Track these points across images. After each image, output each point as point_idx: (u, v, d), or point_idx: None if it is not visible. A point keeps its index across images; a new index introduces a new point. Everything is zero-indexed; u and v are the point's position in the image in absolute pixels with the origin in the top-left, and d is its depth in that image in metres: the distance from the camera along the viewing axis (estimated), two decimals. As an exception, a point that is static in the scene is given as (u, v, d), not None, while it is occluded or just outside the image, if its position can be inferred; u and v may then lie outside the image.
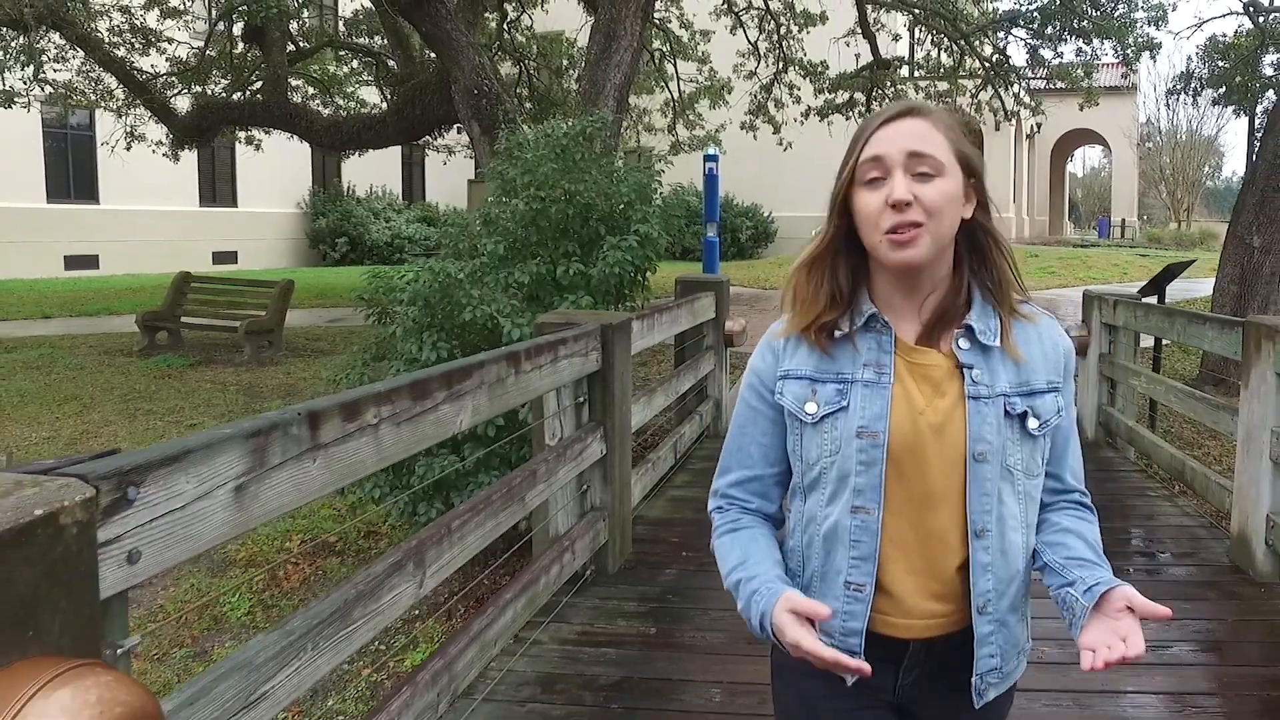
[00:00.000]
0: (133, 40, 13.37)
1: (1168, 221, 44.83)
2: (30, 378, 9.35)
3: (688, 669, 3.31)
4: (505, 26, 15.80)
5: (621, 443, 4.18)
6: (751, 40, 16.96)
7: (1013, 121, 18.53)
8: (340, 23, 15.79)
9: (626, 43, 9.76)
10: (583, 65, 16.16)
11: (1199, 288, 16.15)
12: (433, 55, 12.31)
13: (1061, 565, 1.43)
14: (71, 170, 19.94)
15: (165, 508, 1.51)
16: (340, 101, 16.45)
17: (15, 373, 9.56)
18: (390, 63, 15.31)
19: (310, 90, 16.18)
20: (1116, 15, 13.62)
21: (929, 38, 16.58)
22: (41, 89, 11.43)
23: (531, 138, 5.58)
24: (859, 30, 15.64)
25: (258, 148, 16.34)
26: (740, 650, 3.45)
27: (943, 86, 17.27)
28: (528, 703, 3.03)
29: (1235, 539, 4.37)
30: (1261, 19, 11.96)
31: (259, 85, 14.40)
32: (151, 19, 13.72)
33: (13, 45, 9.86)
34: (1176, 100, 37.71)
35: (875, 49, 16.04)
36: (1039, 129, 36.11)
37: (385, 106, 15.60)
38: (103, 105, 13.96)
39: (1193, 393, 5.21)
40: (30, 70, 9.96)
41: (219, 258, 22.46)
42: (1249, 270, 8.54)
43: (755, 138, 17.55)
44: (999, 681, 1.46)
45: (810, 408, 1.43)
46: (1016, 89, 17.07)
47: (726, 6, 16.41)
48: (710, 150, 13.81)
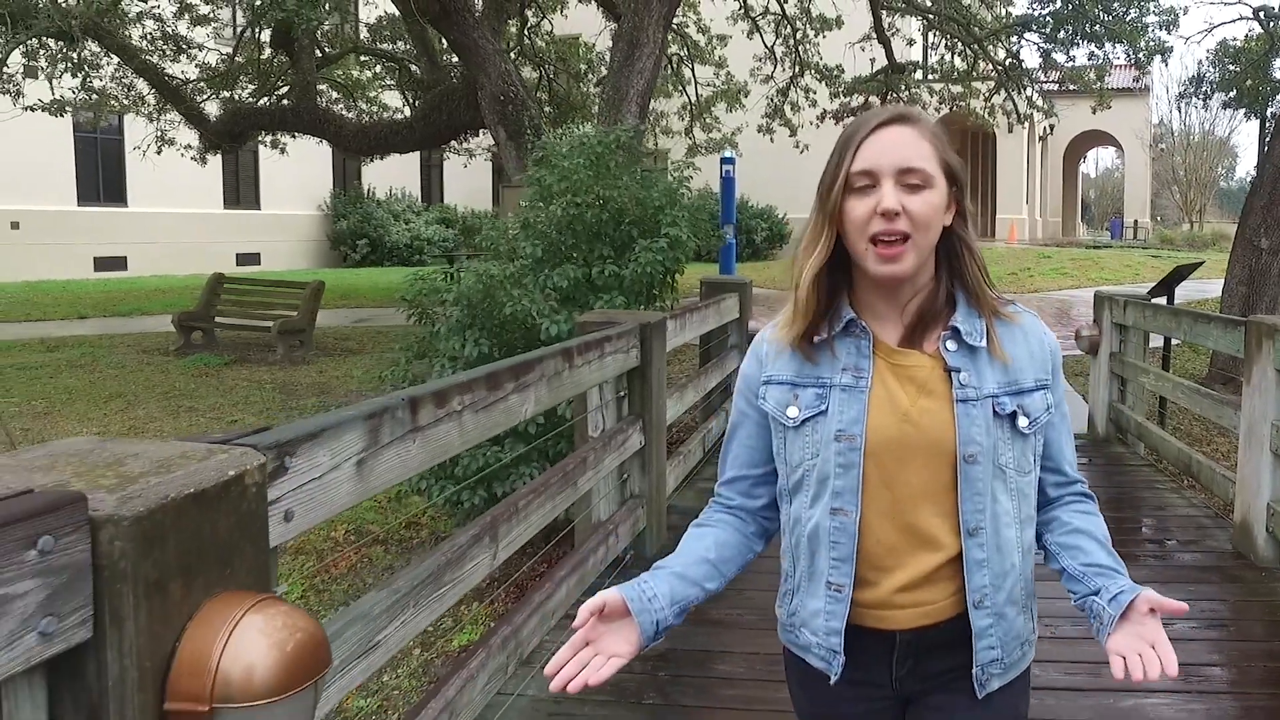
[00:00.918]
0: (164, 47, 13.72)
1: (1181, 223, 44.85)
2: (75, 376, 9.70)
3: (725, 642, 3.58)
4: (526, 31, 16.10)
5: (658, 435, 4.45)
6: (768, 45, 17.22)
7: (1025, 124, 18.73)
8: (364, 28, 16.10)
9: (649, 50, 10.01)
10: (602, 69, 16.48)
11: (1210, 288, 16.29)
12: (457, 61, 12.62)
13: (1081, 573, 1.46)
14: (101, 174, 20.39)
15: (309, 476, 1.79)
16: (364, 106, 16.79)
17: (60, 371, 9.91)
18: (413, 68, 15.64)
19: (334, 95, 16.53)
20: (1128, 20, 13.82)
21: (943, 42, 16.81)
22: (89, 97, 11.79)
23: (566, 147, 5.86)
24: (874, 35, 15.88)
25: (283, 151, 16.70)
26: (772, 626, 3.71)
27: (956, 90, 17.51)
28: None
29: (1238, 527, 4.61)
30: (1272, 24, 12.15)
31: (285, 90, 14.75)
32: (182, 26, 14.08)
33: (59, 56, 10.19)
34: (1188, 104, 37.74)
35: (890, 53, 16.27)
36: (1052, 131, 36.21)
37: (408, 111, 15.93)
38: (135, 110, 14.31)
39: (1198, 389, 5.46)
40: (79, 80, 10.29)
41: (242, 259, 22.84)
42: (1257, 271, 8.75)
43: (771, 140, 17.80)
44: (1002, 672, 1.48)
45: (792, 412, 1.47)
46: (1029, 92, 17.26)
47: (743, 12, 16.67)
48: (727, 153, 14.09)
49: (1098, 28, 14.00)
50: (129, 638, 1.25)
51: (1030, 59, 17.60)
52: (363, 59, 16.65)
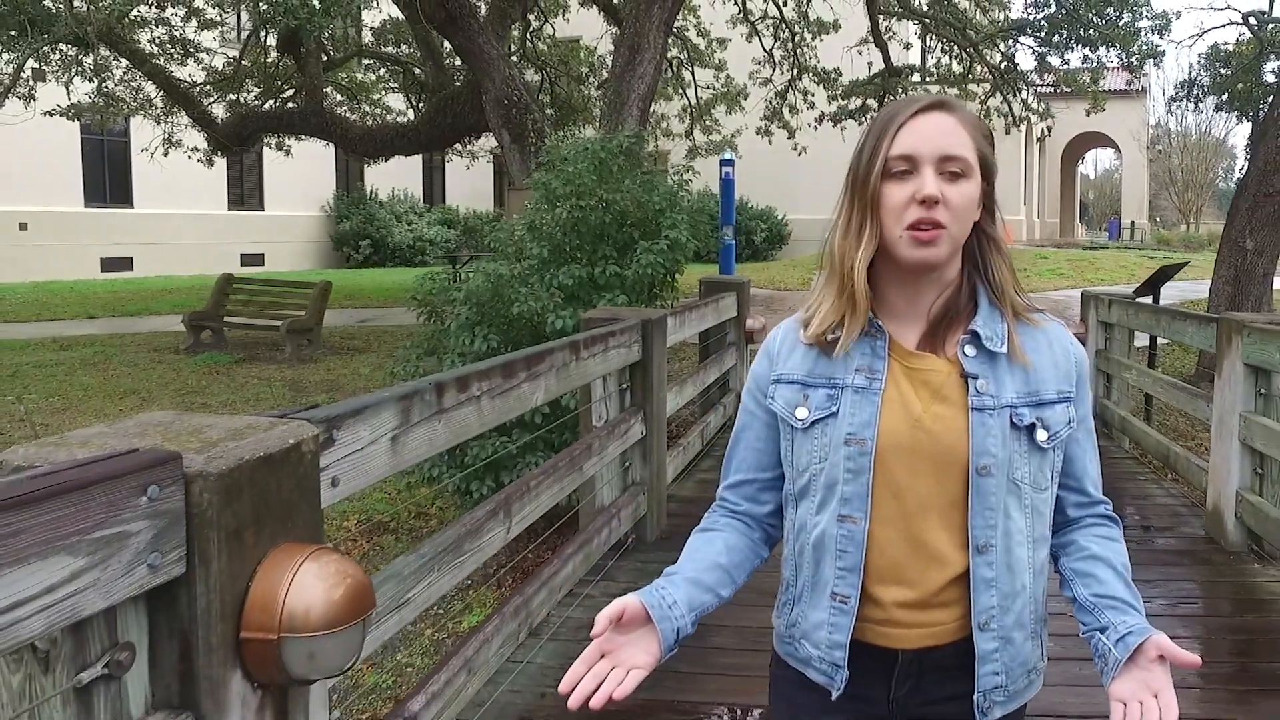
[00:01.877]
0: (172, 51, 13.97)
1: (1179, 223, 45.15)
2: (89, 374, 9.95)
3: (720, 616, 3.73)
4: (528, 35, 16.35)
5: (658, 425, 4.69)
6: (767, 48, 17.45)
7: (1022, 126, 18.95)
8: (368, 32, 16.35)
9: (650, 55, 10.24)
10: (603, 72, 16.72)
11: (1204, 289, 16.52)
12: (461, 64, 12.86)
13: (1093, 604, 1.39)
14: (108, 175, 20.67)
15: (352, 448, 2.03)
16: (367, 108, 17.04)
17: (75, 369, 10.17)
18: (417, 70, 15.89)
19: (338, 97, 16.78)
20: (1121, 24, 14.06)
21: (939, 45, 17.06)
22: (107, 103, 12.05)
23: (571, 152, 6.11)
24: (871, 39, 16.11)
25: (287, 153, 16.94)
26: (764, 603, 3.94)
27: (952, 92, 17.75)
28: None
29: (1210, 513, 4.85)
30: (1259, 29, 12.40)
31: (290, 93, 15.00)
32: (189, 30, 14.33)
33: (70, 61, 10.43)
34: (1180, 107, 38.01)
35: (887, 57, 16.50)
36: (1049, 133, 36.50)
37: (411, 113, 16.18)
38: (143, 113, 14.57)
39: (1175, 383, 5.71)
40: (95, 85, 10.53)
41: (247, 260, 23.11)
42: (1242, 272, 9.00)
43: (770, 142, 18.04)
44: (1005, 700, 1.41)
45: (801, 413, 1.41)
46: (1025, 95, 17.51)
47: (742, 15, 16.91)
48: (726, 155, 14.32)
49: (1091, 32, 14.23)
50: (214, 575, 1.49)
51: (1025, 62, 17.87)
52: (366, 62, 16.90)
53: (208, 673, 1.48)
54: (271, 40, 14.04)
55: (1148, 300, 7.65)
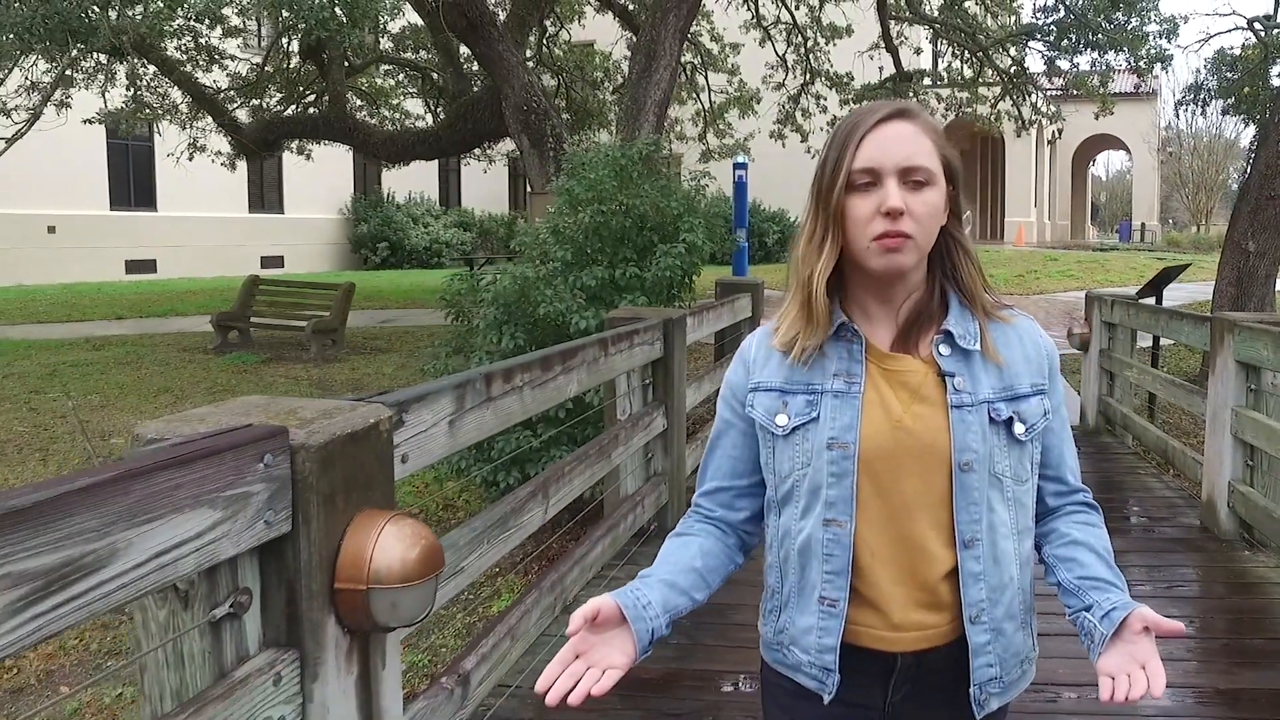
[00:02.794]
0: (198, 58, 14.31)
1: (1190, 225, 45.20)
2: (124, 373, 10.27)
3: (741, 596, 4.01)
4: (544, 40, 16.64)
5: (678, 419, 4.95)
6: (780, 53, 17.71)
7: (1032, 130, 19.16)
8: (388, 38, 16.67)
9: (666, 62, 10.50)
10: (618, 77, 17.00)
11: (1210, 290, 16.69)
12: (479, 70, 13.15)
13: (1076, 586, 1.41)
14: (132, 179, 21.08)
15: (418, 429, 2.29)
16: (386, 113, 17.37)
17: (110, 368, 10.50)
18: (435, 76, 16.20)
19: (358, 102, 17.10)
20: (1129, 29, 14.25)
21: (949, 50, 17.28)
22: (141, 110, 12.38)
23: (592, 158, 6.37)
24: (882, 44, 16.34)
25: (308, 157, 17.28)
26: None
27: (963, 95, 17.96)
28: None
29: (1204, 504, 5.08)
30: (1264, 33, 12.58)
31: (313, 99, 15.33)
32: (214, 37, 14.66)
33: (101, 69, 10.76)
34: (1187, 111, 38.10)
35: (898, 61, 16.72)
36: (1059, 135, 36.62)
37: (430, 118, 16.49)
38: (170, 119, 14.91)
39: (1173, 380, 5.95)
40: (131, 92, 10.85)
41: (267, 262, 23.48)
42: (1245, 274, 9.19)
43: (783, 146, 18.27)
44: (1001, 691, 1.44)
45: (781, 420, 1.42)
46: (1034, 98, 17.70)
47: (756, 21, 17.17)
48: (740, 158, 14.56)
49: (1100, 36, 14.41)
50: (314, 533, 1.75)
51: (1035, 66, 18.06)
52: (385, 68, 17.22)
53: (310, 616, 1.74)
54: (294, 47, 14.38)
55: (1150, 301, 7.87)
